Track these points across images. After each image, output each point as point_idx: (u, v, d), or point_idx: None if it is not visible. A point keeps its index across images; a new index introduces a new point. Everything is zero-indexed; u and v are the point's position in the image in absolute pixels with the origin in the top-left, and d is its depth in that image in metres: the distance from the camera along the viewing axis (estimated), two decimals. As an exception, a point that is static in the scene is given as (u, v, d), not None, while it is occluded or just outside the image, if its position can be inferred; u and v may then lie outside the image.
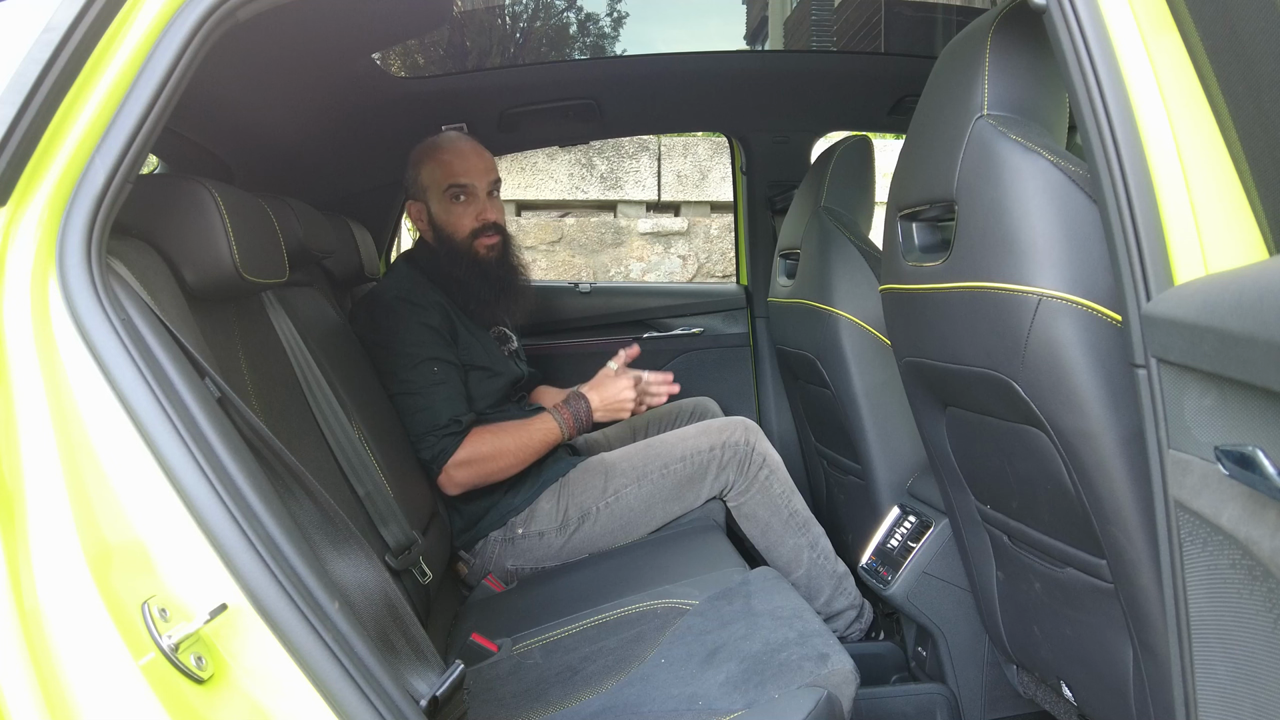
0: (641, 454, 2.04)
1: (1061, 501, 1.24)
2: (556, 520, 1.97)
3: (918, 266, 1.38)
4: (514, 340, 2.23)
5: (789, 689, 1.19)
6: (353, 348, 1.92)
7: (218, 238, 1.19)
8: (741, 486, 2.03)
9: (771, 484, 2.04)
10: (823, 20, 5.25)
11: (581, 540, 1.97)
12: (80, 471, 0.85)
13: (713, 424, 2.08)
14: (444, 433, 1.87)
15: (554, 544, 1.96)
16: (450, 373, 1.92)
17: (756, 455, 2.03)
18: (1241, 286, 0.80)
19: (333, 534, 1.04)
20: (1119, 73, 0.96)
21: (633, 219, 5.46)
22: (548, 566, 1.97)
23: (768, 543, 2.05)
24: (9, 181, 0.89)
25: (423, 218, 2.09)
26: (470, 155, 2.07)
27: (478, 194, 2.06)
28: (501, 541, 1.96)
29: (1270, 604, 0.82)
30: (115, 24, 0.93)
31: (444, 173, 2.05)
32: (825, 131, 2.92)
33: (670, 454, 2.01)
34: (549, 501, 1.98)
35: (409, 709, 0.90)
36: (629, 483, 1.99)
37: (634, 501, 1.99)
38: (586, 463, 2.05)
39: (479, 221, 2.05)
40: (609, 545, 1.99)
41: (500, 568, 1.96)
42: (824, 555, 2.05)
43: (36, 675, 0.75)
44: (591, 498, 1.98)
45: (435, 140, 2.11)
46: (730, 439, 2.02)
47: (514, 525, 1.96)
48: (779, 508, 2.04)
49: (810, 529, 2.06)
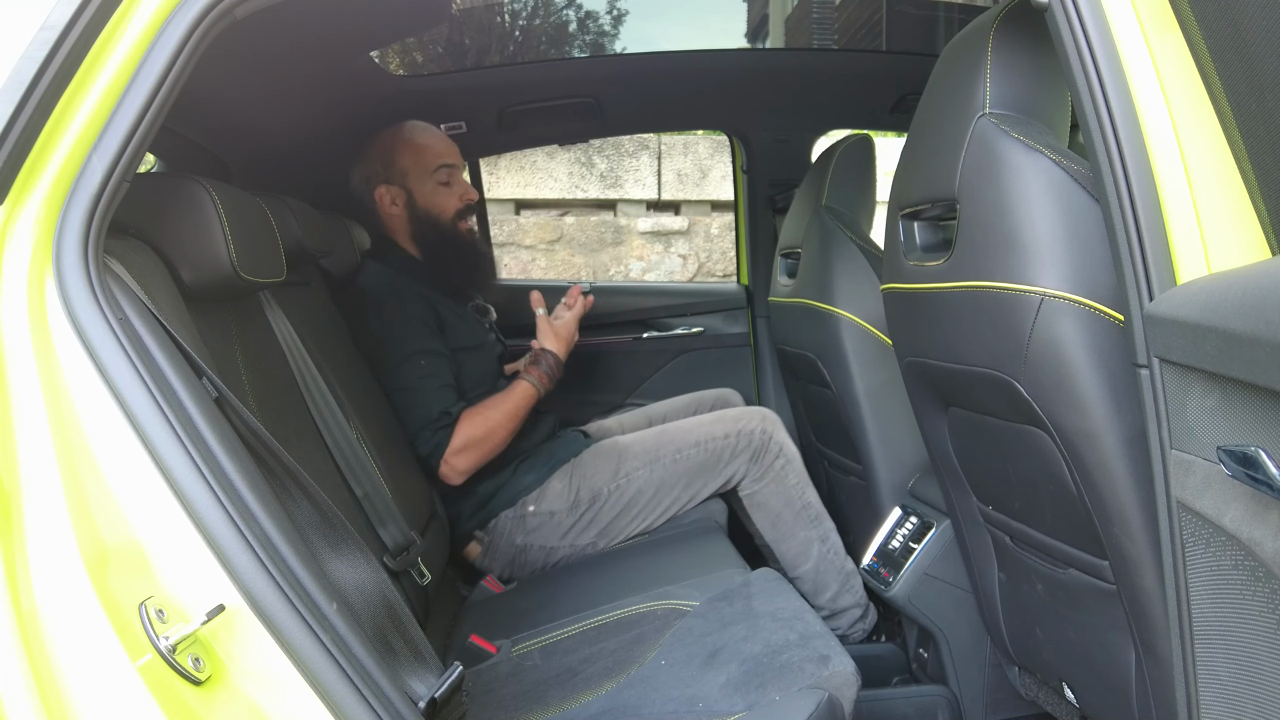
0: (655, 439, 2.05)
1: (1063, 502, 1.24)
2: (568, 500, 1.98)
3: (919, 266, 1.37)
4: (492, 312, 2.28)
5: (790, 691, 1.19)
6: (350, 347, 1.91)
7: (215, 237, 1.18)
8: (755, 475, 2.03)
9: (787, 474, 2.04)
10: (824, 18, 5.25)
11: (591, 522, 1.98)
12: (77, 472, 0.84)
13: (729, 413, 2.09)
14: (436, 426, 1.88)
15: (564, 524, 1.97)
16: (437, 364, 1.93)
17: (773, 445, 2.03)
18: (1244, 286, 0.79)
19: (331, 535, 1.03)
20: (1121, 71, 0.96)
21: (633, 218, 5.46)
22: (554, 546, 1.98)
23: (777, 534, 2.04)
24: (5, 180, 0.88)
25: (399, 202, 2.08)
26: (444, 139, 2.13)
27: (458, 176, 2.12)
28: (513, 519, 1.97)
29: (1273, 605, 0.82)
30: (112, 22, 0.92)
31: (431, 155, 2.07)
32: (826, 130, 2.92)
33: (684, 440, 2.03)
34: (560, 481, 1.99)
35: (407, 711, 0.90)
36: (640, 466, 2.00)
37: (644, 485, 1.99)
38: (599, 445, 2.07)
39: (463, 202, 2.11)
40: (619, 529, 2.00)
41: (510, 544, 1.97)
42: (834, 551, 2.05)
43: (34, 676, 0.75)
44: (603, 480, 1.99)
45: (403, 125, 2.12)
46: (746, 427, 2.03)
47: (525, 504, 1.98)
48: (792, 499, 2.04)
49: (822, 523, 2.06)
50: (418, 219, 2.08)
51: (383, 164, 2.08)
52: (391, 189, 2.08)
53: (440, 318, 2.00)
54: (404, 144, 2.08)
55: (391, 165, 2.07)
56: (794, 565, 2.03)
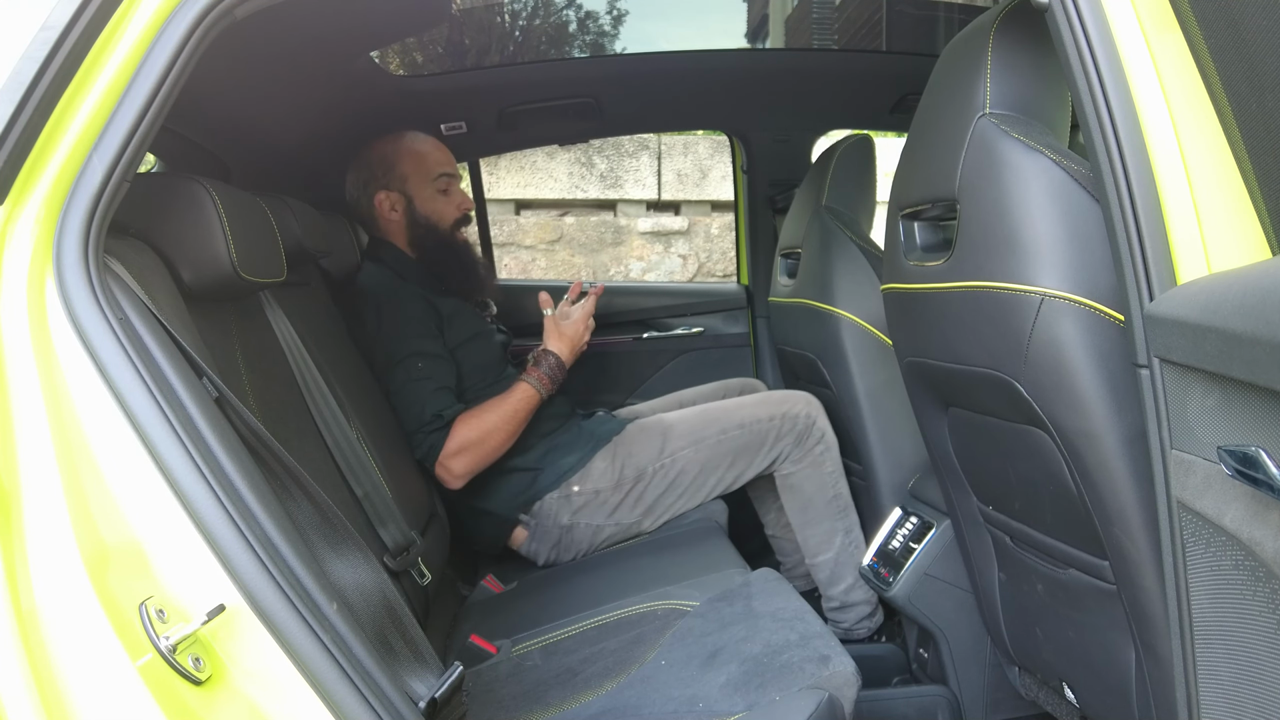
0: (699, 418, 2.07)
1: (1064, 502, 1.24)
2: (612, 479, 1.99)
3: (920, 266, 1.37)
4: (492, 306, 2.31)
5: (790, 691, 1.19)
6: (351, 348, 1.91)
7: (215, 237, 1.18)
8: (796, 457, 2.04)
9: (825, 461, 2.05)
10: (824, 18, 5.24)
11: (638, 500, 2.00)
12: (77, 471, 0.84)
13: (773, 395, 2.11)
14: (430, 429, 1.89)
15: (610, 501, 1.99)
16: (434, 366, 1.93)
17: (816, 430, 2.04)
18: (1245, 286, 0.79)
19: (331, 535, 1.03)
20: (1122, 71, 0.96)
21: (633, 218, 5.45)
22: (600, 524, 1.99)
23: (805, 519, 2.06)
24: (6, 180, 0.88)
25: (399, 208, 2.10)
26: (444, 149, 2.16)
27: (456, 186, 2.15)
28: (558, 499, 1.99)
29: (1273, 605, 0.82)
30: (113, 22, 0.92)
31: (431, 163, 2.10)
32: (826, 130, 2.92)
33: (728, 420, 2.04)
34: (604, 460, 2.01)
35: (407, 710, 0.90)
36: (685, 445, 2.01)
37: (689, 465, 2.01)
38: (644, 422, 2.09)
39: (460, 212, 2.14)
40: (664, 507, 2.01)
41: (556, 524, 1.98)
42: (855, 545, 2.06)
43: (34, 676, 0.75)
44: (648, 458, 2.01)
45: (404, 134, 2.15)
46: (791, 410, 2.04)
47: (569, 484, 1.99)
48: (825, 486, 2.05)
49: (849, 515, 2.07)
50: (417, 224, 2.10)
51: (382, 169, 2.09)
52: (391, 194, 2.09)
53: (440, 314, 2.00)
54: (405, 151, 2.10)
55: (392, 171, 2.09)
56: (815, 552, 2.05)
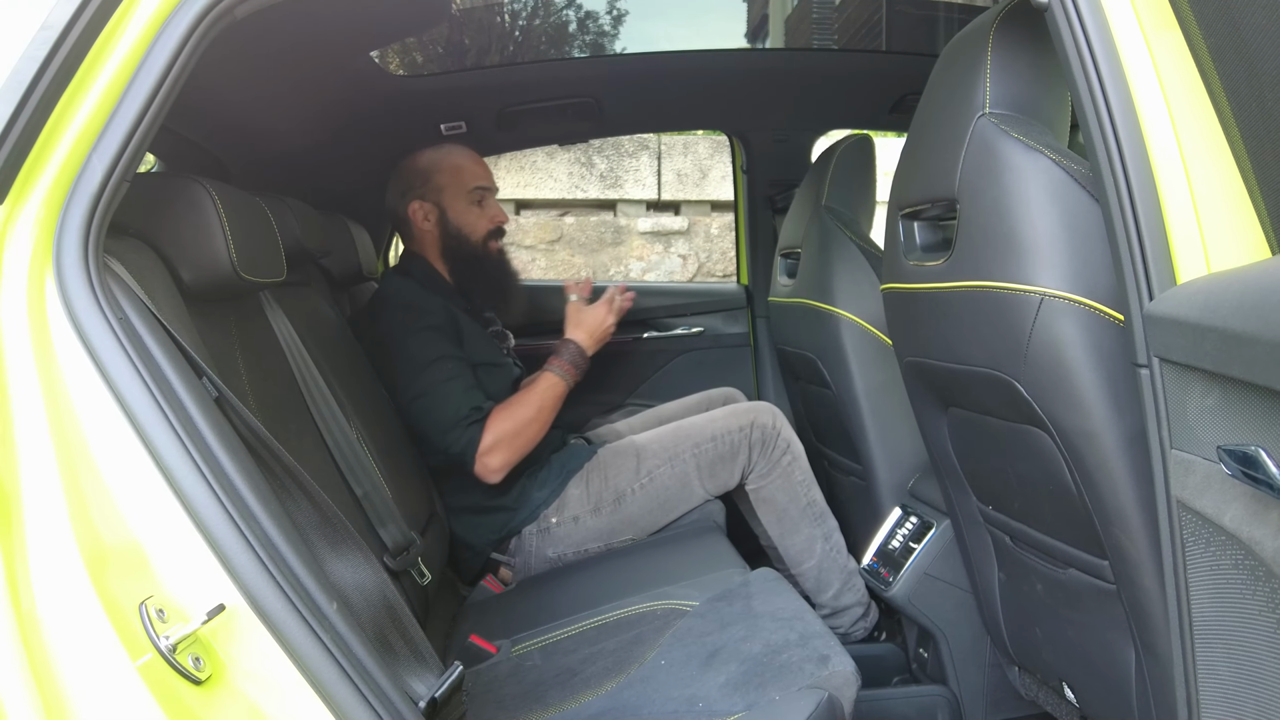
0: (671, 435, 2.07)
1: (1063, 502, 1.24)
2: (591, 504, 1.99)
3: (919, 266, 1.37)
4: (510, 339, 2.31)
5: (789, 691, 1.19)
6: (351, 348, 1.91)
7: (215, 237, 1.18)
8: (763, 469, 2.04)
9: (793, 470, 2.05)
10: (824, 18, 5.24)
11: (622, 519, 1.99)
12: (77, 471, 0.84)
13: (739, 407, 2.11)
14: (468, 422, 1.88)
15: (592, 526, 1.98)
16: (462, 368, 1.94)
17: (781, 440, 2.04)
18: (1244, 286, 0.79)
19: (331, 535, 1.03)
20: (1121, 71, 0.96)
21: (633, 218, 5.45)
22: (591, 548, 1.98)
23: (782, 530, 2.05)
24: (5, 180, 0.88)
25: (431, 218, 2.11)
26: (483, 164, 2.18)
27: (491, 199, 2.16)
28: (537, 534, 1.98)
29: (1273, 605, 0.82)
30: (112, 22, 0.92)
31: (468, 175, 2.12)
32: (826, 130, 2.92)
33: (700, 435, 2.04)
34: (577, 488, 2.00)
35: (407, 710, 0.90)
36: (661, 463, 2.02)
37: (669, 481, 2.01)
38: (616, 445, 2.08)
39: (493, 224, 2.15)
40: (651, 523, 2.01)
41: (542, 558, 1.98)
42: (837, 549, 2.06)
43: (33, 676, 0.75)
44: (625, 479, 2.00)
45: (444, 146, 2.17)
46: (757, 420, 2.04)
47: (546, 517, 1.98)
48: (798, 495, 2.04)
49: (826, 520, 2.07)
50: (449, 235, 2.11)
51: (419, 180, 2.12)
52: (425, 204, 2.11)
53: (460, 330, 2.01)
54: (443, 163, 2.12)
55: (428, 181, 2.11)
56: (797, 562, 2.04)
